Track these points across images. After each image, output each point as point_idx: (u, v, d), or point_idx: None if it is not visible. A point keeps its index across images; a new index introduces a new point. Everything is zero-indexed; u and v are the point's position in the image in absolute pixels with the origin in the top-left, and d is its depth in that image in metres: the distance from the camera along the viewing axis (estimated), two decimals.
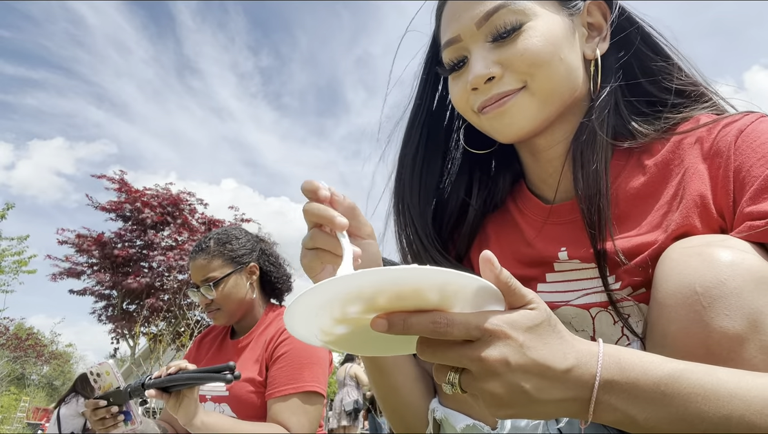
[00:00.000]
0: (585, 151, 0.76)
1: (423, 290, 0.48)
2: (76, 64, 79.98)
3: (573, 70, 0.77)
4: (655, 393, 0.50)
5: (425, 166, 0.89)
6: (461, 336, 0.49)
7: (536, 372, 0.50)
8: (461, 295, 0.50)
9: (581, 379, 0.51)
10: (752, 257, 0.58)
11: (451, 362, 0.51)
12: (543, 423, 0.70)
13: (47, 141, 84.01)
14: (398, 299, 0.49)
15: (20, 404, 20.29)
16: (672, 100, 0.79)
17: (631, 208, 0.75)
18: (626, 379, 0.50)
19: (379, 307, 0.49)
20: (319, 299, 0.49)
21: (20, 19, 79.14)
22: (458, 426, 0.74)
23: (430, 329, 0.49)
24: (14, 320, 22.02)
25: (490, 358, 0.49)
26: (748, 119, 0.71)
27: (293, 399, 1.62)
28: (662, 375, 0.50)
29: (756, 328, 0.54)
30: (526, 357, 0.49)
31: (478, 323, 0.49)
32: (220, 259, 1.78)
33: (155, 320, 11.37)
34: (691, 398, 0.50)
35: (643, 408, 0.50)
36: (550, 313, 0.52)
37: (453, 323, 0.49)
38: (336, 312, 0.51)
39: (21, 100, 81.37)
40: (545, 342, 0.50)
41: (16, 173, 76.25)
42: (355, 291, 0.48)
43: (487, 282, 0.50)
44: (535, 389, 0.50)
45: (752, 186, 0.65)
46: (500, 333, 0.49)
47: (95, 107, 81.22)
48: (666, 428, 0.50)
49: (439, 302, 0.50)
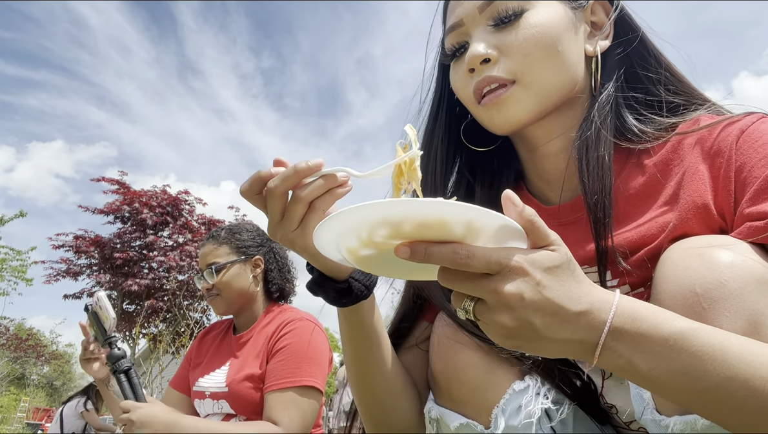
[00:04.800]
0: (590, 146, 0.76)
1: (448, 223, 0.50)
2: (78, 65, 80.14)
3: (572, 64, 0.77)
4: (663, 347, 0.51)
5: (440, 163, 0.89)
6: (481, 269, 0.51)
7: (548, 310, 0.51)
8: (484, 231, 0.52)
9: (592, 323, 0.52)
10: (753, 258, 0.58)
11: (469, 291, 0.52)
12: (536, 423, 0.71)
13: (47, 143, 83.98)
14: (423, 228, 0.51)
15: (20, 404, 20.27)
16: (672, 101, 0.80)
17: (631, 208, 0.75)
18: (636, 330, 0.51)
19: (404, 234, 0.52)
20: (350, 222, 0.52)
21: (22, 20, 79.27)
22: (452, 425, 0.75)
23: (450, 259, 0.50)
24: (14, 321, 22.02)
25: (506, 292, 0.50)
26: (750, 119, 0.71)
27: (289, 393, 1.62)
28: (673, 331, 0.51)
29: (756, 330, 0.54)
30: (540, 295, 0.50)
31: (499, 257, 0.50)
32: (227, 247, 1.83)
33: (155, 321, 11.36)
34: (698, 355, 0.50)
35: (648, 359, 0.51)
36: (570, 257, 0.54)
37: (473, 255, 0.50)
38: (363, 235, 0.53)
39: (22, 101, 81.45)
40: (562, 283, 0.52)
41: (15, 175, 76.27)
42: (384, 217, 0.51)
43: (510, 220, 0.52)
44: (545, 326, 0.51)
45: (753, 187, 0.65)
46: (519, 269, 0.50)
47: (96, 108, 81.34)
48: (666, 380, 0.51)
49: (462, 236, 0.51)
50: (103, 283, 11.93)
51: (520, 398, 0.72)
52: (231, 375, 1.72)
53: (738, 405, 0.49)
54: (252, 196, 0.63)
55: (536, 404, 0.71)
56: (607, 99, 0.79)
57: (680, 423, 0.56)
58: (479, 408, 0.73)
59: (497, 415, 0.71)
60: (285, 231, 0.64)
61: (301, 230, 0.64)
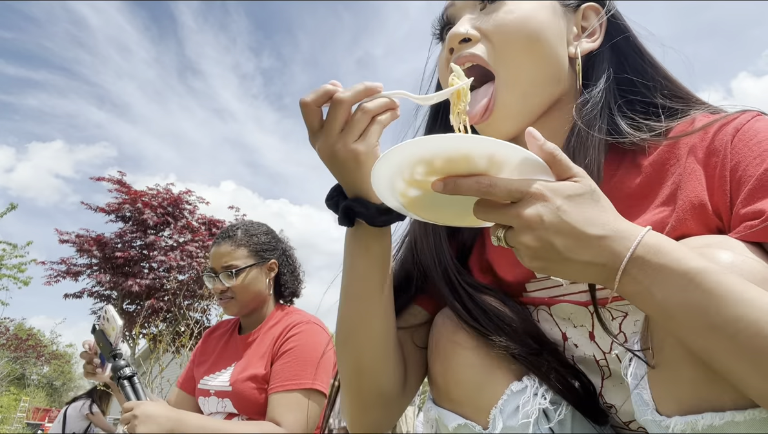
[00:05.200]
0: (577, 148, 0.77)
1: (472, 157, 0.57)
2: (78, 65, 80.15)
3: (554, 60, 0.79)
4: (682, 279, 0.52)
5: None
6: (504, 197, 0.57)
7: (569, 233, 0.55)
8: (507, 164, 0.57)
9: (615, 249, 0.55)
10: (752, 258, 0.58)
11: (498, 220, 0.59)
12: (533, 423, 0.71)
13: (47, 143, 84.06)
14: (451, 163, 0.57)
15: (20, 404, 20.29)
16: (668, 106, 0.80)
17: (627, 208, 0.75)
18: (659, 261, 0.54)
19: (437, 169, 0.58)
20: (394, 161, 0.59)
21: (22, 20, 79.30)
22: (450, 425, 0.75)
23: (474, 188, 0.57)
24: (14, 321, 22.02)
25: (527, 214, 0.55)
26: (745, 117, 0.71)
27: (294, 395, 1.62)
28: (693, 266, 0.53)
29: None
30: (559, 218, 0.55)
31: (520, 186, 0.56)
32: (245, 249, 1.80)
33: (155, 321, 11.36)
34: (714, 292, 0.51)
35: (665, 289, 0.53)
36: (594, 188, 0.58)
37: (495, 184, 0.56)
38: (406, 174, 0.60)
39: (22, 101, 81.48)
40: (582, 210, 0.56)
41: (15, 175, 76.32)
42: (417, 154, 0.58)
43: (530, 153, 0.57)
44: (566, 248, 0.55)
45: (747, 186, 0.65)
46: (539, 195, 0.55)
47: (96, 108, 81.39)
48: (678, 312, 0.52)
49: (486, 168, 0.58)
50: (104, 283, 11.94)
51: (518, 398, 0.71)
52: (235, 374, 1.72)
53: (742, 345, 0.49)
54: (313, 108, 0.67)
55: (534, 404, 0.71)
56: (594, 103, 0.79)
57: (681, 423, 0.56)
58: (477, 408, 0.73)
59: (495, 416, 0.71)
60: (346, 141, 0.67)
61: (363, 140, 0.68)
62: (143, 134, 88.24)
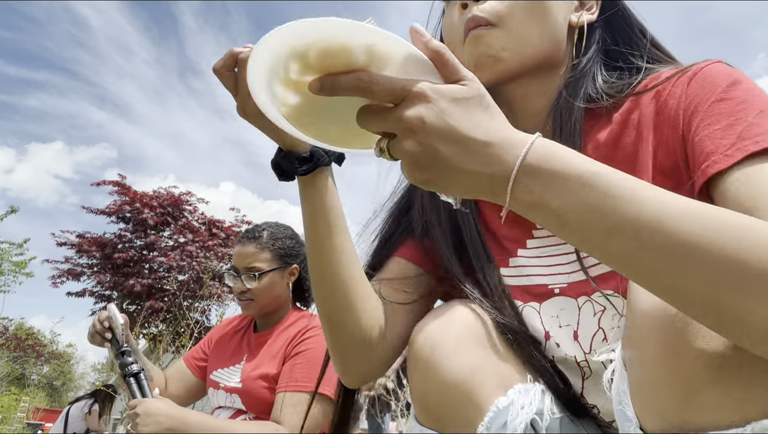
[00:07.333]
0: (563, 114, 0.80)
1: (350, 49, 0.52)
2: (78, 65, 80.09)
3: (556, 26, 0.81)
4: (575, 184, 0.50)
5: None
6: (386, 96, 0.52)
7: (454, 138, 0.51)
8: (390, 60, 0.52)
9: (503, 157, 0.51)
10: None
11: (380, 126, 0.54)
12: None
13: (47, 144, 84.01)
14: (327, 56, 0.52)
15: (20, 404, 20.29)
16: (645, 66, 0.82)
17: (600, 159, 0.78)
18: (551, 167, 0.51)
19: (314, 66, 0.53)
20: (263, 55, 0.54)
21: (22, 20, 79.28)
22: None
23: (354, 86, 0.52)
24: (14, 321, 22.03)
25: (407, 116, 0.51)
26: (701, 64, 0.73)
27: (301, 396, 1.62)
28: (587, 169, 0.50)
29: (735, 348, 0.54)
30: (443, 121, 0.51)
31: (404, 84, 0.51)
32: (270, 253, 1.80)
33: (155, 321, 11.36)
34: (609, 193, 0.49)
35: (559, 195, 0.50)
36: (484, 93, 0.54)
37: (377, 81, 0.51)
38: (281, 73, 0.55)
39: (22, 102, 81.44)
40: (470, 115, 0.52)
41: (14, 176, 76.25)
42: (288, 43, 0.52)
43: (415, 49, 0.53)
44: (451, 155, 0.51)
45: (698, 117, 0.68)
46: (422, 95, 0.51)
47: (97, 108, 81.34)
48: (575, 218, 0.50)
49: (366, 64, 0.52)
50: (104, 283, 11.96)
51: (505, 415, 0.70)
52: (246, 371, 1.73)
53: (645, 245, 0.47)
54: (224, 73, 0.66)
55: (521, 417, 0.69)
56: (582, 70, 0.82)
57: None
58: (462, 427, 0.71)
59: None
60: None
61: None
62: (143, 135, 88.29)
